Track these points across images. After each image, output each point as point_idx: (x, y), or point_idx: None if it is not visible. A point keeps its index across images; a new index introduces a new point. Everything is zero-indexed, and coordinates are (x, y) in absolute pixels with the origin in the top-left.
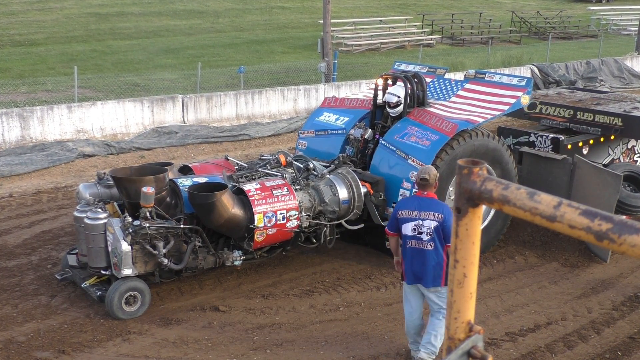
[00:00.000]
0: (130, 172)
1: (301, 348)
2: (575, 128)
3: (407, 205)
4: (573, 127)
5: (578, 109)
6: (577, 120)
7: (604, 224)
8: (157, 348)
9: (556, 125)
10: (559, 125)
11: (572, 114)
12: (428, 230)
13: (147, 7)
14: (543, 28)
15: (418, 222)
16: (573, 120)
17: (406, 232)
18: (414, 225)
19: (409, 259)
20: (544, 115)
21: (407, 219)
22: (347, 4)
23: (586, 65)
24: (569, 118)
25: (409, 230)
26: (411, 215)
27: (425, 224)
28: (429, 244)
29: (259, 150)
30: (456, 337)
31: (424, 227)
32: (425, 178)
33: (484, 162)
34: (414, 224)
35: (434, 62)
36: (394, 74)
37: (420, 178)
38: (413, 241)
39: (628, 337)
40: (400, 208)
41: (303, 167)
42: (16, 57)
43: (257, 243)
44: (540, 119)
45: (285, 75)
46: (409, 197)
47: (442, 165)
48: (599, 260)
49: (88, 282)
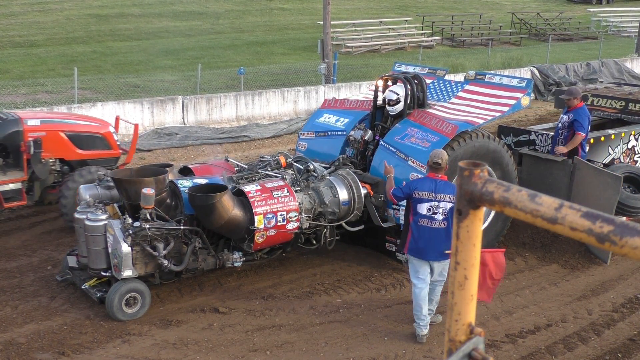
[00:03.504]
0: (130, 173)
1: (301, 349)
2: (626, 119)
3: (424, 187)
4: (624, 118)
5: (630, 100)
6: (629, 111)
7: (606, 226)
8: (157, 349)
9: (607, 116)
10: (610, 117)
11: (624, 105)
12: (443, 210)
13: (147, 8)
14: (543, 29)
15: (434, 203)
16: (625, 111)
17: (421, 212)
18: (429, 206)
19: (416, 235)
20: (595, 107)
21: (423, 199)
22: (347, 6)
23: (586, 66)
24: (621, 109)
25: (423, 210)
26: (428, 196)
27: (441, 205)
28: (442, 223)
29: (259, 151)
30: (457, 339)
31: (440, 208)
32: (438, 162)
33: (485, 164)
34: (430, 204)
35: (434, 64)
36: (394, 75)
37: (433, 162)
38: (426, 220)
39: (628, 339)
40: (417, 188)
41: (303, 168)
42: (16, 59)
43: (257, 244)
44: (592, 110)
45: (285, 76)
46: (423, 178)
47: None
48: (599, 262)
49: (88, 284)
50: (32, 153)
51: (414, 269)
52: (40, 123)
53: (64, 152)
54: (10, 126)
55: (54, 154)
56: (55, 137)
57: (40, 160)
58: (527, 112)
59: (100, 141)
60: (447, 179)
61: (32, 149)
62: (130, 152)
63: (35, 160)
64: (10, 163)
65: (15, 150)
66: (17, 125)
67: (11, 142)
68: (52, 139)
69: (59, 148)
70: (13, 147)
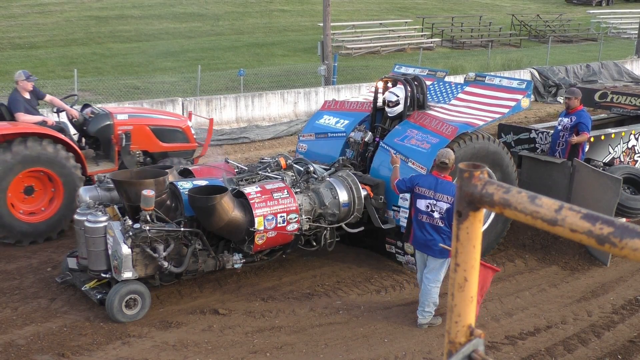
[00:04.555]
0: (130, 175)
1: (301, 351)
2: None
3: (425, 183)
4: None
5: None
6: None
7: (606, 228)
8: (156, 351)
9: (626, 113)
10: (630, 113)
11: None
12: (440, 210)
13: (147, 10)
14: (543, 31)
15: (432, 201)
16: None
17: (420, 207)
18: (427, 203)
19: (419, 228)
20: (614, 104)
21: (422, 196)
22: (347, 7)
23: (586, 68)
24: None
25: (422, 206)
26: (427, 193)
27: (438, 204)
28: (440, 221)
29: (259, 153)
30: (457, 341)
31: (437, 207)
32: (445, 162)
33: (485, 166)
34: (428, 202)
35: (434, 65)
36: (394, 77)
37: (439, 161)
38: (425, 216)
39: (628, 341)
40: (419, 184)
41: (303, 170)
42: (16, 60)
43: (257, 246)
44: (611, 107)
45: (285, 78)
46: (427, 175)
47: None
48: (599, 263)
49: (88, 285)
50: (123, 145)
51: (417, 262)
52: (128, 117)
53: (148, 144)
54: (103, 120)
55: (140, 146)
56: (141, 130)
57: (129, 152)
58: (527, 113)
59: (180, 134)
60: (451, 179)
61: (124, 141)
62: (205, 145)
63: (124, 152)
64: (101, 154)
65: (106, 142)
66: (108, 120)
67: (103, 135)
68: (139, 132)
69: (144, 141)
70: (105, 140)
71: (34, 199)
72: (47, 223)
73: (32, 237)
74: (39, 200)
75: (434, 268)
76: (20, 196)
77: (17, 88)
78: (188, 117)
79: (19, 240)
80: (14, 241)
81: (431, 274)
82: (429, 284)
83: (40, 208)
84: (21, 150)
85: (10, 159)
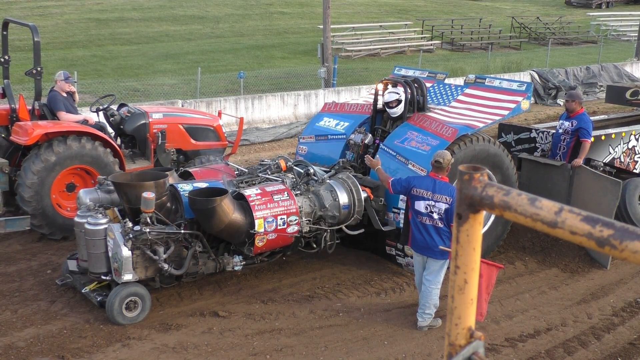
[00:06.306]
0: (130, 177)
1: (301, 353)
2: None
3: (423, 184)
4: None
5: None
6: None
7: (606, 230)
8: (156, 353)
9: None
10: None
11: None
12: (439, 211)
13: (147, 12)
14: (543, 34)
15: (431, 202)
16: None
17: (419, 209)
18: (426, 204)
19: (419, 230)
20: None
21: (420, 197)
22: (347, 10)
23: (586, 70)
24: None
25: (421, 208)
26: (426, 195)
27: (437, 206)
28: (439, 222)
29: (259, 155)
30: (457, 343)
31: (436, 208)
32: (439, 161)
33: (485, 168)
34: (427, 203)
35: (434, 68)
36: (394, 79)
37: (435, 160)
38: (424, 217)
39: (628, 343)
40: (416, 185)
41: (303, 172)
42: (16, 62)
43: (257, 248)
44: (638, 105)
45: (285, 80)
46: (424, 176)
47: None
48: (599, 266)
49: (88, 288)
50: (158, 143)
51: (415, 264)
52: (163, 116)
53: (182, 142)
54: (138, 119)
55: (173, 144)
56: (175, 129)
57: (165, 150)
58: (527, 115)
59: (211, 133)
60: (447, 180)
61: (159, 139)
62: (236, 144)
63: (160, 150)
64: (137, 152)
65: (142, 140)
66: (144, 119)
67: (139, 134)
68: (173, 130)
69: (177, 139)
70: (140, 138)
71: (75, 195)
72: None
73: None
74: None
75: (434, 270)
76: (64, 193)
77: (55, 87)
78: (218, 116)
79: (65, 236)
80: (60, 237)
81: (431, 275)
82: (429, 286)
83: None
84: (63, 149)
85: (54, 157)
